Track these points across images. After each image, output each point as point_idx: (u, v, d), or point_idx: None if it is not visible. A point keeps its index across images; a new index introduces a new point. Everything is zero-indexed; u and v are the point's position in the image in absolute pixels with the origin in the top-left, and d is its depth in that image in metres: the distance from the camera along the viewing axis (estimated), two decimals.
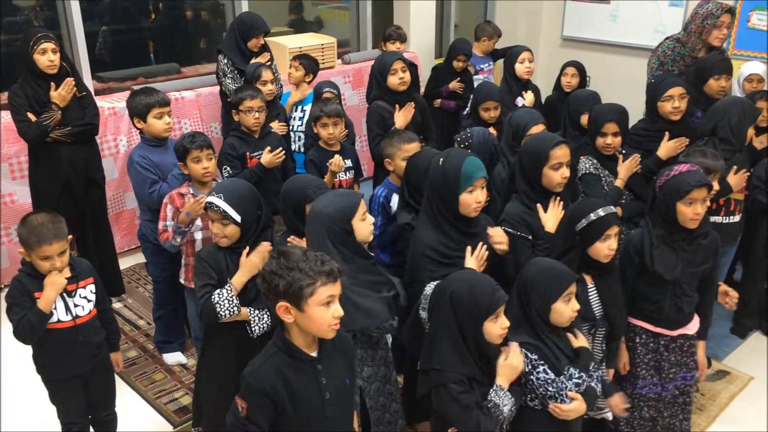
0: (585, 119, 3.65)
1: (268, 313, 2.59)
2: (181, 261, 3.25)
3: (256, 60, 4.46)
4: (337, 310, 1.88)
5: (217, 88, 4.84)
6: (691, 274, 2.70)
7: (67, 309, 2.58)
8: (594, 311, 2.59)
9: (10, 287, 2.54)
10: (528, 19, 7.14)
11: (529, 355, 2.26)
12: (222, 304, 2.48)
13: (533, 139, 2.94)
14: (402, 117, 3.92)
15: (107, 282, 3.31)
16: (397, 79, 3.93)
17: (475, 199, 2.56)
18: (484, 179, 2.59)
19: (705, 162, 2.99)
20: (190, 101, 4.96)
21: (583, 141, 3.56)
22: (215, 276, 2.56)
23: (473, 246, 2.58)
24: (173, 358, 3.76)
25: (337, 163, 3.63)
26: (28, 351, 2.68)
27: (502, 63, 4.95)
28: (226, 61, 4.50)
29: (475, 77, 5.43)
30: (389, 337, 2.64)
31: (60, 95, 3.65)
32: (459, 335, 2.15)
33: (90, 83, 4.74)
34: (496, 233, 2.65)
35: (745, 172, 3.38)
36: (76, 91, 3.75)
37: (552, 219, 2.76)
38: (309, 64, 4.56)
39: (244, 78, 4.32)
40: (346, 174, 3.82)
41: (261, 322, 2.58)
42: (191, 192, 3.15)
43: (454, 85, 5.19)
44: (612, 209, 2.55)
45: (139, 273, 4.67)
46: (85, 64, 4.76)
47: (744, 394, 3.53)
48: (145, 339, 3.96)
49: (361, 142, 5.59)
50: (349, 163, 3.82)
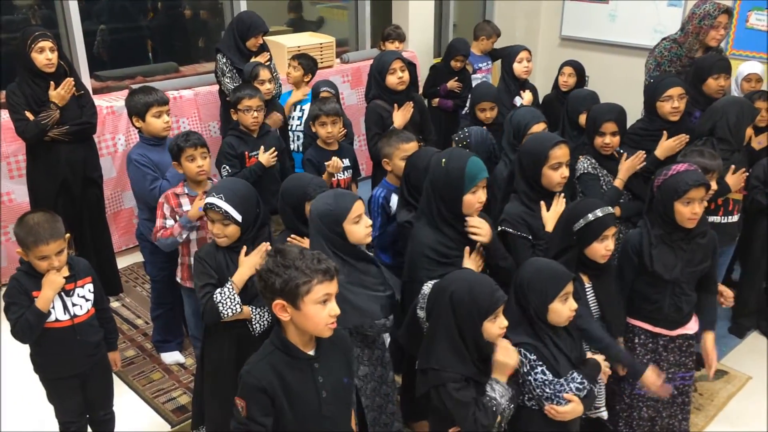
0: (583, 119, 3.64)
1: (269, 310, 2.58)
2: (178, 260, 3.24)
3: (255, 59, 4.45)
4: (333, 308, 1.88)
5: (215, 87, 4.84)
6: (690, 273, 2.70)
7: (65, 308, 2.58)
8: (591, 311, 2.59)
9: (8, 286, 2.53)
10: (527, 19, 7.14)
11: (528, 355, 2.25)
12: (224, 303, 2.47)
13: (532, 139, 2.93)
14: (400, 116, 3.92)
15: (105, 281, 3.30)
16: (396, 78, 3.93)
17: (478, 199, 2.56)
18: (486, 179, 2.60)
19: (703, 162, 2.99)
20: (189, 100, 4.95)
21: (581, 141, 3.56)
22: (215, 275, 2.55)
23: (471, 246, 2.58)
24: (171, 357, 3.75)
25: (334, 165, 3.63)
26: (26, 350, 2.68)
27: (500, 62, 4.95)
28: (225, 60, 4.49)
29: (473, 76, 5.43)
30: (387, 337, 2.64)
31: (59, 95, 3.65)
32: (458, 335, 2.14)
33: (88, 82, 4.73)
34: (475, 222, 2.57)
35: (744, 172, 3.39)
36: (75, 90, 3.75)
37: (553, 219, 2.76)
38: (308, 63, 4.55)
39: (242, 77, 4.32)
40: (344, 173, 3.82)
41: (262, 320, 2.57)
42: (186, 192, 3.14)
43: (452, 84, 5.19)
44: (609, 210, 2.55)
45: (137, 272, 4.66)
46: (84, 63, 4.75)
47: (742, 394, 3.53)
48: (143, 338, 3.96)
49: (360, 141, 5.60)
50: (347, 162, 3.82)
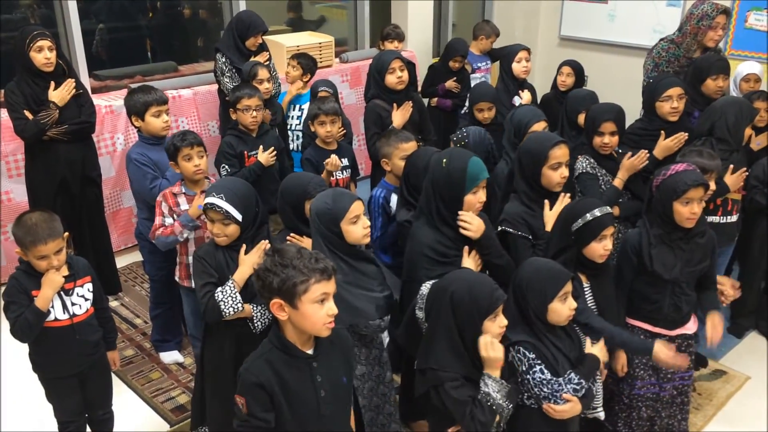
0: (582, 119, 3.64)
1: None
2: (176, 260, 3.24)
3: (254, 59, 4.45)
4: (331, 308, 1.87)
5: (214, 86, 4.83)
6: (689, 273, 2.70)
7: (64, 307, 2.57)
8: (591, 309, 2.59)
9: (8, 285, 2.53)
10: (526, 19, 7.14)
11: (527, 353, 2.25)
12: (226, 301, 2.47)
13: (532, 139, 2.93)
14: (400, 116, 3.91)
15: (104, 280, 3.30)
16: (395, 78, 3.93)
17: (479, 199, 2.57)
18: (486, 180, 2.60)
19: (701, 162, 2.99)
20: (188, 99, 4.95)
21: (580, 141, 3.55)
22: (216, 274, 2.55)
23: (471, 245, 2.58)
24: (170, 356, 3.75)
25: (333, 163, 3.62)
26: (26, 349, 2.67)
27: (499, 62, 4.95)
28: (225, 59, 4.49)
29: (472, 76, 5.42)
30: (386, 337, 2.63)
31: (59, 95, 3.65)
32: (458, 335, 2.14)
33: (87, 81, 4.73)
34: (465, 216, 2.55)
35: (743, 172, 3.38)
36: (74, 89, 3.75)
37: (554, 218, 2.75)
38: (307, 63, 4.55)
39: (241, 77, 4.32)
40: (343, 173, 3.82)
41: (263, 318, 2.57)
42: (184, 191, 3.14)
43: (450, 84, 5.18)
44: (608, 209, 2.55)
45: (135, 271, 4.66)
46: (82, 62, 4.74)
47: (741, 394, 3.54)
48: (142, 338, 3.96)
49: (359, 140, 5.60)
50: (345, 162, 3.82)
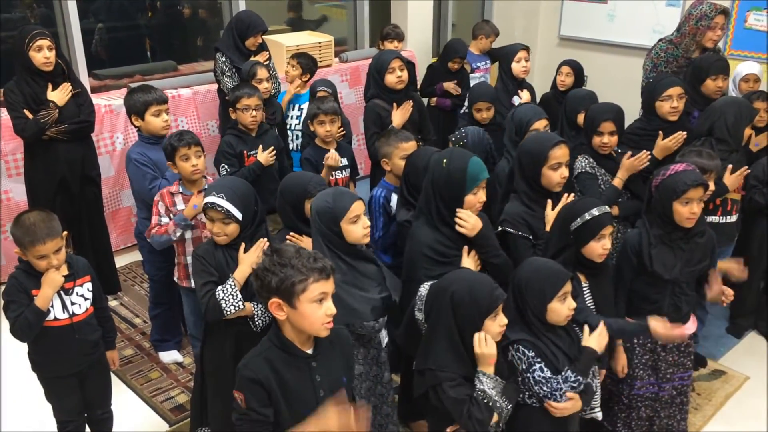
0: (581, 118, 3.64)
1: None
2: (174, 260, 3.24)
3: (254, 58, 4.44)
4: (329, 307, 1.87)
5: (214, 85, 4.83)
6: (689, 272, 2.71)
7: (64, 307, 2.57)
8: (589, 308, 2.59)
9: (7, 284, 2.53)
10: (525, 19, 7.14)
11: (527, 352, 2.26)
12: (227, 300, 2.47)
13: (532, 139, 2.93)
14: (399, 116, 3.91)
15: (103, 280, 3.29)
16: (395, 77, 3.92)
17: (479, 199, 2.57)
18: (486, 180, 2.60)
19: (701, 162, 2.99)
20: (187, 99, 4.95)
21: (580, 140, 3.55)
22: (216, 273, 2.55)
23: (470, 245, 2.58)
24: (169, 356, 3.75)
25: (333, 158, 3.62)
26: (25, 349, 2.67)
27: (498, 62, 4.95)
28: (224, 59, 4.48)
29: (471, 75, 5.42)
30: (384, 337, 2.62)
31: (58, 95, 3.66)
32: (457, 335, 2.14)
33: (86, 81, 4.73)
34: (462, 214, 2.55)
35: (744, 171, 3.36)
36: (71, 89, 3.75)
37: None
38: (307, 63, 4.54)
39: (241, 76, 4.32)
40: (342, 173, 3.81)
41: (264, 316, 2.56)
42: (181, 190, 3.14)
43: (448, 85, 5.16)
44: (606, 209, 2.56)
45: (135, 271, 4.66)
46: (82, 61, 4.74)
47: (740, 394, 3.54)
48: (141, 337, 3.96)
49: (359, 140, 5.60)
50: (345, 161, 3.81)
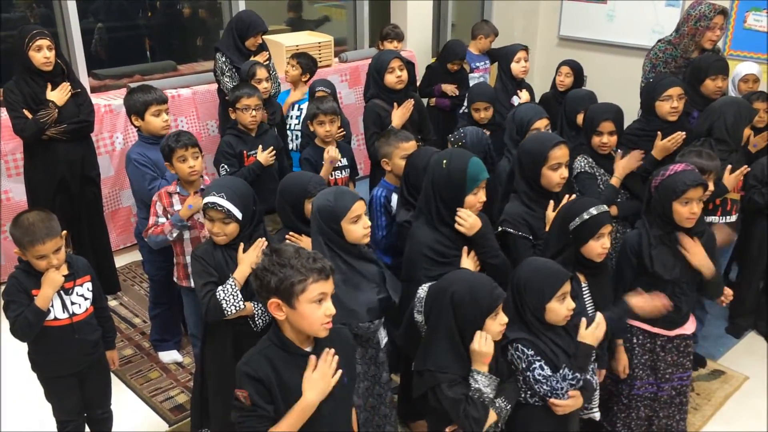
0: (581, 118, 3.64)
1: None
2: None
3: (254, 58, 4.44)
4: (329, 308, 1.87)
5: (213, 85, 4.83)
6: (689, 273, 2.71)
7: (64, 307, 2.57)
8: (587, 309, 2.59)
9: (7, 284, 2.53)
10: (525, 19, 7.14)
11: (526, 351, 2.26)
12: (228, 300, 2.46)
13: (532, 139, 2.93)
14: (399, 116, 3.91)
15: (103, 280, 3.29)
16: (395, 77, 3.92)
17: (479, 199, 2.58)
18: (486, 180, 2.61)
19: (700, 162, 2.99)
20: (187, 99, 4.95)
21: (579, 140, 3.55)
22: (215, 274, 2.55)
23: (470, 246, 2.58)
24: (169, 356, 3.75)
25: (332, 154, 3.61)
26: (25, 349, 2.67)
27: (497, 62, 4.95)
28: (224, 59, 4.48)
29: (470, 75, 5.41)
30: (384, 338, 2.62)
31: (58, 95, 3.66)
32: (458, 336, 2.15)
33: (86, 80, 4.73)
34: (462, 213, 2.55)
35: (744, 170, 3.35)
36: (71, 89, 3.75)
37: None
38: (306, 63, 4.54)
39: (240, 76, 4.32)
40: (342, 173, 3.81)
41: (264, 315, 2.56)
42: (178, 191, 3.14)
43: (446, 87, 5.16)
44: (604, 208, 2.56)
45: (134, 271, 4.66)
46: (81, 61, 4.74)
47: (739, 394, 3.54)
48: (141, 337, 3.96)
49: (358, 140, 5.60)
50: (344, 161, 3.81)
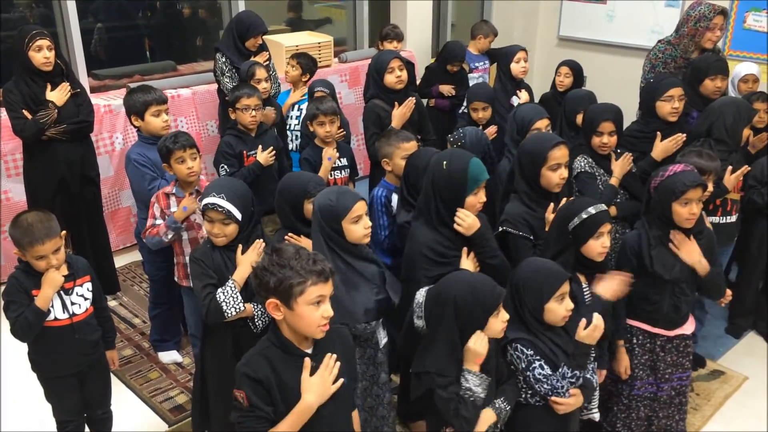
0: (580, 119, 3.64)
1: None
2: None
3: (254, 59, 4.44)
4: (326, 310, 1.87)
5: (213, 86, 4.83)
6: (689, 273, 2.71)
7: (64, 307, 2.57)
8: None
9: (7, 284, 2.53)
10: (524, 19, 7.14)
11: (525, 350, 2.26)
12: (228, 302, 2.46)
13: (532, 139, 2.93)
14: (399, 116, 3.91)
15: (102, 280, 3.28)
16: (395, 77, 3.92)
17: (479, 200, 2.58)
18: (486, 180, 2.61)
19: (700, 162, 2.99)
20: (187, 99, 4.95)
21: (579, 141, 3.55)
22: (215, 275, 2.54)
23: (469, 246, 2.58)
24: (169, 356, 3.75)
25: (331, 153, 3.61)
26: (25, 349, 2.67)
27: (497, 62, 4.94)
28: (224, 59, 4.48)
29: (470, 75, 5.41)
30: (383, 338, 2.62)
31: (57, 95, 3.66)
32: (458, 339, 2.15)
33: (86, 80, 4.73)
34: (461, 213, 2.56)
35: (744, 170, 3.34)
36: (70, 89, 3.76)
37: None
38: (306, 63, 4.54)
39: (239, 76, 4.32)
40: (342, 173, 3.81)
41: (264, 316, 2.56)
42: (175, 192, 3.13)
43: (444, 87, 5.15)
44: (603, 207, 2.56)
45: (134, 271, 4.66)
46: (81, 61, 4.74)
47: (738, 394, 3.54)
48: (141, 337, 3.96)
49: (358, 140, 5.60)
50: (344, 162, 3.82)
